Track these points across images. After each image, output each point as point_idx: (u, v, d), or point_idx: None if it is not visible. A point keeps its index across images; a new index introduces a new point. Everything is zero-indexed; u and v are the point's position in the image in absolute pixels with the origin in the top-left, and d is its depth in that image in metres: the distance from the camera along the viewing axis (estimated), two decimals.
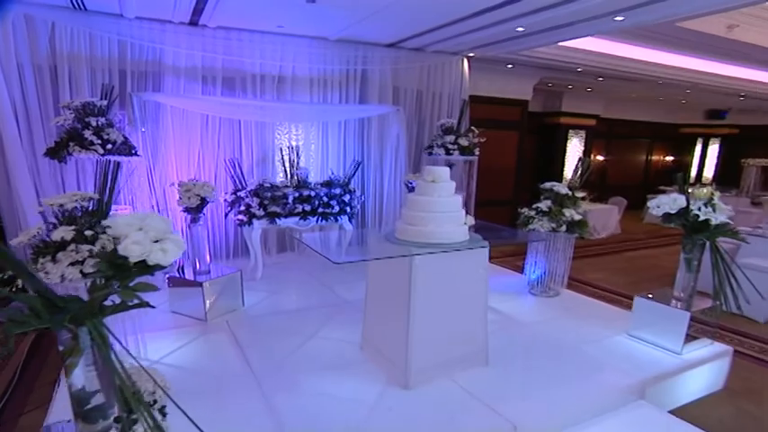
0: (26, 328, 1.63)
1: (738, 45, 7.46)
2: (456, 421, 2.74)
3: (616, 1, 4.78)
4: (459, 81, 7.68)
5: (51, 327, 1.64)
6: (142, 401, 1.71)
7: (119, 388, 1.68)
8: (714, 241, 3.86)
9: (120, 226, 1.57)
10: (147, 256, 1.54)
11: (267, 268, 5.55)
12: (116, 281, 1.66)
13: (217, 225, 6.08)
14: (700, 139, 15.86)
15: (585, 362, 3.53)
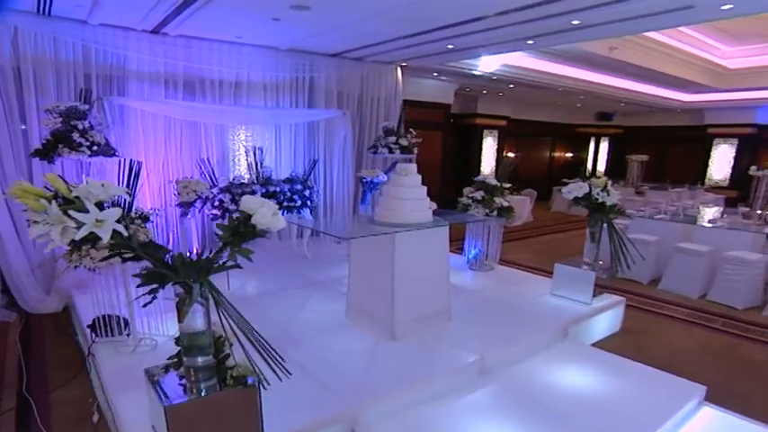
0: (166, 282, 2.24)
1: (618, 62, 9.08)
2: (437, 358, 3.58)
3: (529, 29, 5.88)
4: (394, 87, 8.57)
5: (181, 279, 2.25)
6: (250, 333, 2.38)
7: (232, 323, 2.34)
8: (610, 218, 5.01)
9: (250, 203, 2.22)
10: (269, 224, 2.21)
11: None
12: (230, 247, 2.30)
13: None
14: (593, 138, 18.09)
15: (524, 314, 4.53)
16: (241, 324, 2.39)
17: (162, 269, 2.22)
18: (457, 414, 3.04)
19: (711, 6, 4.91)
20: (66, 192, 1.93)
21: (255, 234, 2.30)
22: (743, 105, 13.45)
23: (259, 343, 2.40)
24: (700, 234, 6.85)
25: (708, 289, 6.17)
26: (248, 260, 2.33)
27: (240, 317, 2.42)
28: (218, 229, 2.35)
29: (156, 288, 2.26)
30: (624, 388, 3.49)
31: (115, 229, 2.05)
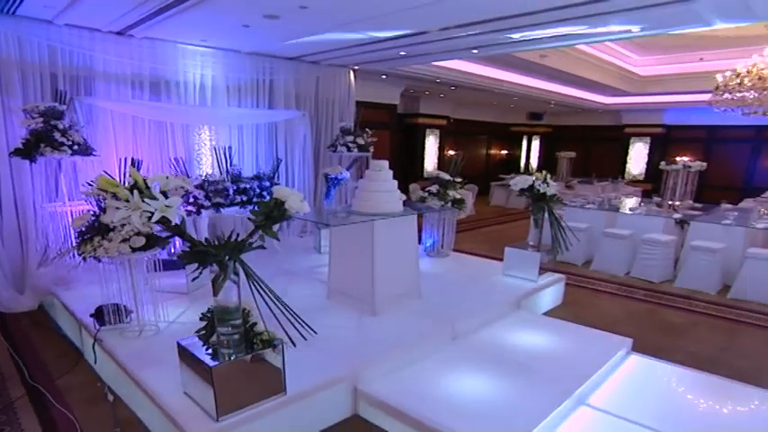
0: (206, 260, 2.64)
1: (548, 69, 10.07)
2: (414, 328, 4.12)
3: (474, 41, 6.58)
4: (348, 89, 9.05)
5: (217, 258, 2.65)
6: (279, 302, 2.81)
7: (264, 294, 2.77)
8: (550, 207, 5.77)
9: (282, 192, 2.66)
10: (299, 208, 2.66)
11: None
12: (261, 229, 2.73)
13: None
14: (525, 137, 19.38)
15: (482, 291, 5.19)
16: (270, 294, 2.82)
17: (203, 249, 2.61)
18: (438, 369, 3.61)
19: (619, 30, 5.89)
20: (142, 184, 2.29)
21: (284, 217, 2.75)
22: (653, 108, 15.03)
23: (287, 309, 2.84)
24: (622, 221, 7.86)
25: (630, 267, 7.16)
26: (276, 239, 2.77)
27: (268, 289, 2.85)
28: (251, 215, 2.77)
29: (203, 266, 2.64)
30: (568, 343, 4.20)
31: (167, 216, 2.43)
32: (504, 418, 3.01)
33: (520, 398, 3.27)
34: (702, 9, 4.92)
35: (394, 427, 3.13)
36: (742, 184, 14.26)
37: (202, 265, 2.69)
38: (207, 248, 2.61)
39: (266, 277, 5.42)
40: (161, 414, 2.88)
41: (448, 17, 5.52)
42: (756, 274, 6.02)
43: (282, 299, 3.06)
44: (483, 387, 3.42)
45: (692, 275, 6.52)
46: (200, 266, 2.68)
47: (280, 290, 4.92)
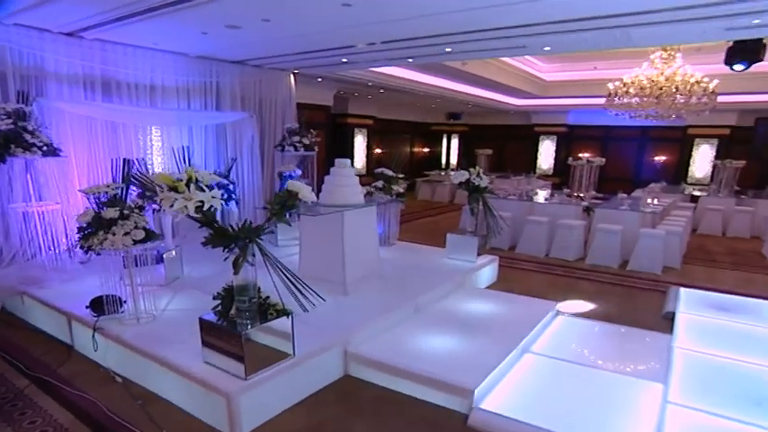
0: (227, 242, 3.12)
1: (468, 73, 11.10)
2: (383, 303, 4.77)
3: (408, 53, 7.37)
4: (289, 91, 9.50)
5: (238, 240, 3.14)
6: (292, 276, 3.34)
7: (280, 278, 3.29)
8: (484, 197, 6.66)
9: (295, 186, 3.19)
10: (310, 197, 3.21)
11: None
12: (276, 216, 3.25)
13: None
14: (445, 135, 20.64)
15: (431, 272, 5.93)
16: (284, 269, 3.35)
17: (227, 233, 3.09)
18: (410, 333, 4.30)
19: (537, 47, 7.00)
20: (193, 179, 2.75)
21: (295, 206, 3.29)
22: (557, 110, 16.77)
23: (298, 282, 3.39)
24: (540, 209, 9.01)
25: (549, 248, 8.29)
26: (288, 225, 3.32)
27: (282, 265, 3.38)
28: (268, 204, 3.28)
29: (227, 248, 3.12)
30: (509, 309, 5.07)
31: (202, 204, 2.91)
32: (469, 365, 3.75)
33: (478, 349, 4.04)
34: (601, 38, 6.15)
35: (380, 378, 3.78)
36: (632, 176, 16.34)
37: (227, 247, 3.16)
38: (230, 232, 3.10)
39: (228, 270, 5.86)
40: (187, 382, 3.30)
41: (388, 34, 6.27)
42: (647, 250, 7.32)
43: (259, 285, 3.52)
44: (447, 343, 4.16)
45: (598, 253, 7.74)
46: (225, 248, 3.16)
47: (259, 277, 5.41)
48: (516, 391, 3.61)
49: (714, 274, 7.34)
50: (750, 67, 6.41)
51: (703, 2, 4.67)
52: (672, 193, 12.10)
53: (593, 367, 3.99)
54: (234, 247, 3.18)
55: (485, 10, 5.10)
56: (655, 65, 10.19)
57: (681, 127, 14.56)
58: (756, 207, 10.49)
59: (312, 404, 3.54)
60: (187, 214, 2.88)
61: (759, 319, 4.98)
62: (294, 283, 3.43)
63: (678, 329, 4.63)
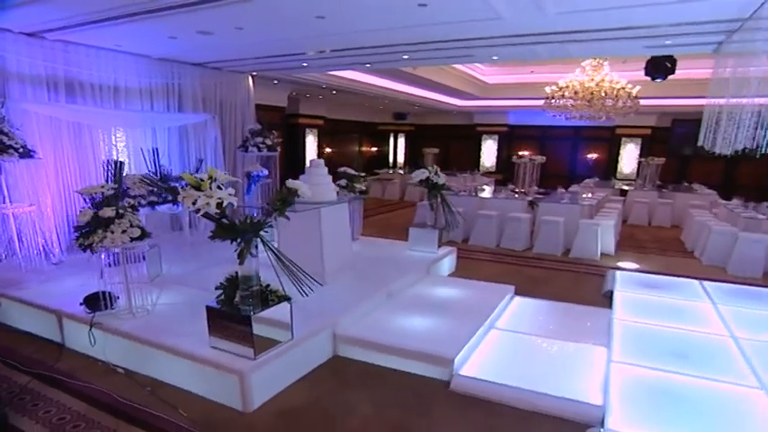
0: (234, 235, 3.45)
1: (416, 76, 11.68)
2: (359, 290, 5.19)
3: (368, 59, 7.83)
4: (247, 93, 9.70)
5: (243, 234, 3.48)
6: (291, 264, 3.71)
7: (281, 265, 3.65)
8: (442, 194, 7.22)
9: (294, 184, 3.56)
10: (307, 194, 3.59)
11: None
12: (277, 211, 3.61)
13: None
14: (392, 134, 21.24)
15: (398, 263, 6.42)
16: (283, 259, 3.72)
17: (233, 227, 3.43)
18: (388, 315, 4.77)
19: (486, 56, 7.66)
20: (215, 178, 3.08)
21: (292, 202, 3.67)
22: (498, 110, 17.74)
23: (298, 270, 3.76)
24: (489, 204, 9.73)
25: (500, 240, 9.00)
26: (286, 219, 3.69)
27: (282, 255, 3.74)
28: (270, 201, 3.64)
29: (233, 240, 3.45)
30: (471, 293, 5.64)
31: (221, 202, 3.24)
32: (445, 339, 4.26)
33: (451, 327, 4.56)
34: (542, 50, 6.88)
35: (366, 355, 4.23)
36: (568, 173, 17.58)
37: (233, 240, 3.50)
38: (237, 227, 3.44)
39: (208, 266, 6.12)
40: (199, 365, 3.60)
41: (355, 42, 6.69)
42: (586, 239, 8.17)
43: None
44: (423, 323, 4.67)
45: (544, 243, 8.53)
46: (232, 241, 3.49)
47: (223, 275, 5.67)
48: (488, 360, 4.16)
49: (643, 258, 8.31)
50: (666, 78, 7.34)
51: (626, 26, 5.49)
52: (604, 187, 13.29)
53: (549, 338, 4.62)
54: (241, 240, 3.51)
55: (443, 25, 5.65)
56: (586, 71, 11.20)
57: (609, 127, 15.86)
58: (675, 199, 11.78)
59: (310, 380, 3.94)
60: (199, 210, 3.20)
61: (680, 294, 5.83)
62: (294, 271, 3.79)
63: (616, 305, 5.37)
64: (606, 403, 3.37)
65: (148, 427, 3.25)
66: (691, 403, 3.38)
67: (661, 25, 5.49)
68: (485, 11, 5.08)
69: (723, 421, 3.19)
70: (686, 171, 15.69)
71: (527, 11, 5.08)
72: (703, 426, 3.12)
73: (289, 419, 3.38)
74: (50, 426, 3.28)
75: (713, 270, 7.51)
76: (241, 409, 3.45)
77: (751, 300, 5.63)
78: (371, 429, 3.28)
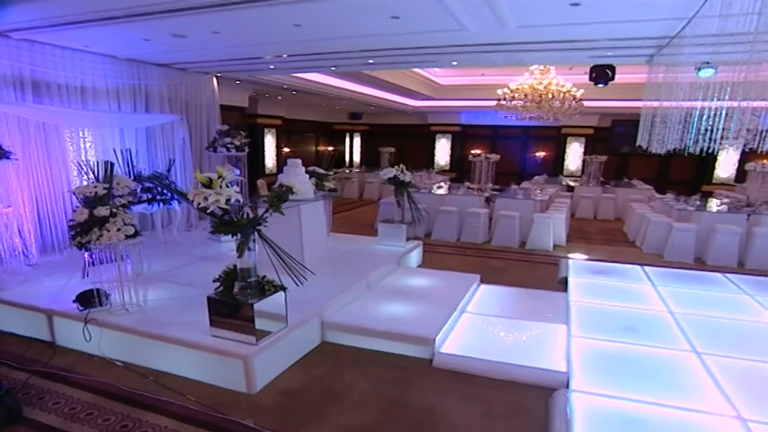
0: (233, 230, 3.73)
1: (374, 78, 12.07)
2: (340, 282, 5.53)
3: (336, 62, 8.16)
4: (212, 94, 9.79)
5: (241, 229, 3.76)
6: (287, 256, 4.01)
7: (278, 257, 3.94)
8: (408, 191, 7.66)
9: (288, 181, 3.86)
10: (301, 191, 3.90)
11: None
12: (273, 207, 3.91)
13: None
14: (347, 134, 21.55)
15: (369, 256, 6.81)
16: (279, 252, 4.02)
17: (233, 223, 3.71)
18: (369, 303, 5.15)
19: (447, 62, 8.17)
20: (224, 176, 3.35)
21: (286, 199, 3.98)
22: (451, 111, 18.41)
23: (294, 261, 4.07)
24: (449, 200, 10.26)
25: (460, 234, 9.54)
26: (281, 214, 3.99)
27: (279, 248, 4.04)
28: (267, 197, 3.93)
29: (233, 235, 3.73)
30: (442, 282, 6.09)
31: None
32: (424, 322, 4.67)
33: (428, 312, 4.98)
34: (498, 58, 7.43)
35: (353, 340, 4.59)
36: (518, 170, 18.47)
37: (233, 235, 3.77)
38: (237, 222, 3.72)
39: (187, 263, 6.31)
40: (202, 353, 3.84)
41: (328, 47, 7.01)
42: (540, 231, 8.83)
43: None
44: (402, 309, 5.08)
45: (501, 236, 9.13)
46: (233, 236, 3.77)
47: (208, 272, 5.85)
48: (463, 339, 4.62)
49: (591, 248, 9.08)
50: (608, 84, 8.09)
51: (573, 39, 6.16)
52: (552, 184, 14.16)
53: (515, 318, 5.13)
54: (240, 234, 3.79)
55: (413, 35, 6.08)
56: (534, 75, 11.95)
57: (556, 127, 16.83)
58: (617, 194, 12.77)
59: (304, 364, 4.26)
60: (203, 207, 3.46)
61: (625, 278, 6.53)
62: (292, 262, 4.10)
63: (571, 289, 5.97)
64: (570, 370, 3.90)
65: (162, 412, 3.48)
66: (639, 366, 3.97)
67: (603, 40, 6.17)
68: (452, 23, 5.54)
69: (664, 379, 3.78)
70: (626, 168, 16.89)
71: (489, 24, 5.58)
72: (649, 383, 3.69)
73: (292, 397, 3.70)
74: (64, 415, 3.45)
75: (652, 257, 8.35)
76: (245, 391, 3.74)
77: (684, 281, 6.41)
78: (371, 402, 3.65)
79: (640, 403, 3.41)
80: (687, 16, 5.01)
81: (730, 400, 3.44)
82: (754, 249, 7.79)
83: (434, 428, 3.33)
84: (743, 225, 8.12)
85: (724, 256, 7.88)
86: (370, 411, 3.53)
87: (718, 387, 3.64)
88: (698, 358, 4.11)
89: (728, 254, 7.89)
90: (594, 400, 3.45)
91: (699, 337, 4.53)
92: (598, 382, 3.71)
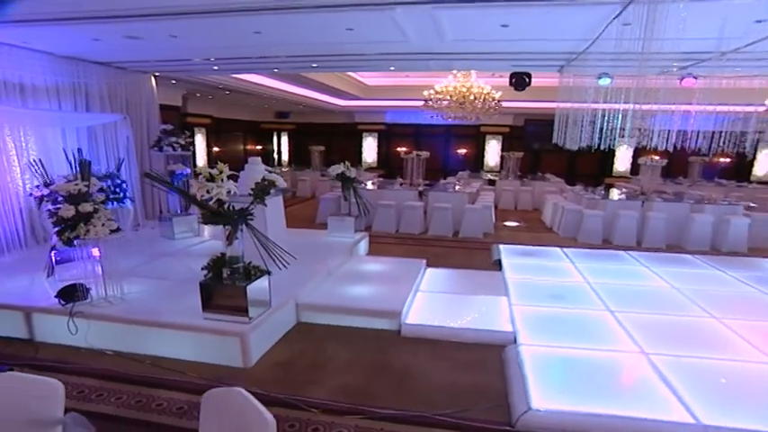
0: (221, 221, 4.15)
1: (305, 79, 12.46)
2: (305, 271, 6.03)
3: (281, 65, 8.57)
4: (152, 93, 9.79)
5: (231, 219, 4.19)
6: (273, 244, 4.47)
7: (262, 244, 4.40)
8: (354, 186, 8.26)
9: (271, 176, 4.32)
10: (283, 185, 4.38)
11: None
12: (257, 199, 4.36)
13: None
14: (275, 133, 21.66)
15: (324, 247, 7.31)
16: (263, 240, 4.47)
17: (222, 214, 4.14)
18: (335, 287, 5.71)
19: (385, 67, 8.94)
20: (224, 172, 3.77)
21: (269, 192, 4.44)
22: (377, 110, 19.19)
23: (280, 249, 4.53)
24: (387, 195, 10.97)
25: (399, 226, 10.29)
26: (264, 206, 4.45)
27: (266, 238, 4.49)
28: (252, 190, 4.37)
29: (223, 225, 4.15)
30: (394, 267, 6.77)
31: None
32: (387, 300, 5.31)
33: (389, 292, 5.62)
34: (433, 64, 8.23)
35: (326, 318, 5.14)
36: (442, 166, 19.62)
37: (223, 225, 4.19)
38: (226, 213, 4.14)
39: (152, 258, 6.49)
40: (199, 334, 4.22)
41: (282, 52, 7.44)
42: (471, 221, 9.78)
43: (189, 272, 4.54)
44: (365, 290, 5.71)
45: (437, 226, 9.99)
46: (224, 226, 4.18)
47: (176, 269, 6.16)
48: (422, 313, 5.31)
49: (516, 234, 10.21)
50: (525, 89, 9.18)
51: (499, 51, 7.09)
52: (476, 179, 15.34)
53: (464, 294, 5.92)
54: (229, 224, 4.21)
55: (361, 44, 6.74)
56: (457, 78, 12.97)
57: (475, 125, 18.12)
58: (534, 187, 14.20)
59: (287, 341, 4.75)
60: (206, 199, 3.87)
61: (548, 258, 7.62)
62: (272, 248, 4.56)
63: (505, 268, 6.90)
64: (515, 330, 4.74)
65: (171, 388, 3.83)
66: (567, 323, 4.93)
67: (524, 53, 7.19)
68: (398, 35, 6.23)
69: (587, 331, 4.76)
70: (539, 163, 18.57)
71: (430, 36, 6.33)
72: (576, 334, 4.64)
73: (286, 368, 4.19)
74: (75, 398, 3.71)
75: (568, 240, 9.59)
76: (242, 365, 4.18)
77: (596, 258, 7.62)
78: (356, 366, 4.23)
79: (571, 349, 4.33)
80: (591, 38, 6.03)
81: (636, 341, 4.46)
82: (648, 230, 9.24)
83: (415, 381, 3.99)
84: (639, 210, 9.56)
85: (625, 236, 9.26)
86: (357, 373, 4.11)
87: (627, 333, 4.66)
88: (611, 315, 5.13)
89: (629, 234, 9.29)
90: (537, 350, 4.29)
91: (610, 299, 5.59)
92: (538, 337, 4.57)
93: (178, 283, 5.45)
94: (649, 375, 3.88)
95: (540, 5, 4.87)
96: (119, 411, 3.55)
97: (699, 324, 5.00)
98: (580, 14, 5.19)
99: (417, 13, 5.25)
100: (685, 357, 4.17)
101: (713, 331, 4.81)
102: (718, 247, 9.06)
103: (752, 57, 6.15)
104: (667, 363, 4.05)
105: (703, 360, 4.15)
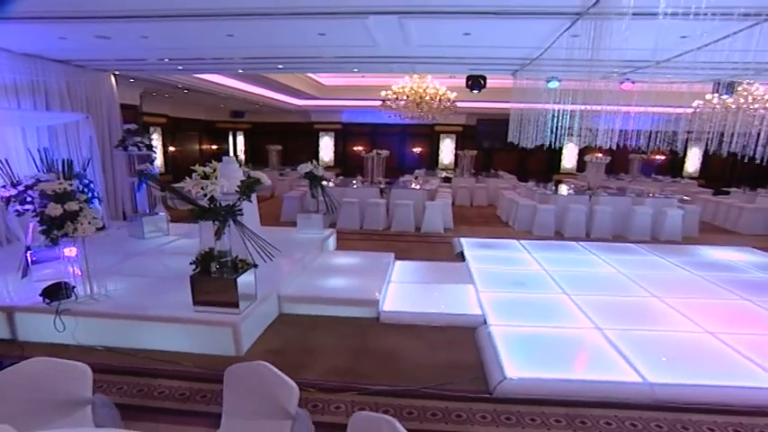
0: (211, 217, 4.38)
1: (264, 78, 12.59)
2: (282, 266, 6.28)
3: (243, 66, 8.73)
4: (112, 92, 9.68)
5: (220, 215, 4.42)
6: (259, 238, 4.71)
7: (249, 238, 4.64)
8: (321, 183, 8.54)
9: (257, 174, 4.56)
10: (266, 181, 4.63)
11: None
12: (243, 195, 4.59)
13: None
14: (230, 132, 21.47)
15: (295, 243, 7.54)
16: (250, 234, 4.71)
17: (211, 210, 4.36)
18: (312, 280, 5.99)
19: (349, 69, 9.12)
20: (217, 170, 3.99)
21: (254, 189, 4.69)
22: (334, 110, 19.44)
23: (265, 243, 4.78)
24: (350, 193, 11.29)
25: (363, 223, 10.63)
26: (249, 201, 4.69)
27: (252, 232, 4.72)
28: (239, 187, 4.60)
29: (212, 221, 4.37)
30: (364, 260, 7.11)
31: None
32: (364, 290, 5.66)
33: (363, 282, 5.97)
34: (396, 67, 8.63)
35: (307, 309, 5.43)
36: (398, 165, 20.09)
37: (212, 221, 4.41)
38: (213, 209, 4.37)
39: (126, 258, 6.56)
40: (191, 326, 4.41)
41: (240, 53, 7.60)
42: (432, 217, 10.26)
43: (169, 270, 4.74)
44: (341, 282, 6.03)
45: (399, 222, 10.41)
46: (213, 222, 4.40)
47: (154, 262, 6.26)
48: (397, 301, 5.67)
49: (475, 229, 10.78)
50: (480, 91, 9.75)
51: (459, 56, 7.57)
52: (432, 176, 15.88)
53: (433, 283, 6.34)
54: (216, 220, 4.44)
55: (331, 47, 7.04)
56: (413, 79, 13.44)
57: (430, 125, 18.72)
58: (488, 183, 14.90)
59: (273, 330, 5.01)
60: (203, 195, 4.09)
61: (507, 249, 8.19)
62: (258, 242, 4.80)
63: (468, 259, 7.40)
64: (484, 312, 5.20)
65: (170, 377, 4.02)
66: (529, 305, 5.46)
67: (482, 58, 7.71)
68: (367, 40, 6.58)
69: (547, 311, 5.30)
70: (491, 161, 19.40)
71: (397, 42, 6.72)
72: (538, 315, 5.17)
73: (276, 354, 4.46)
74: None
75: (523, 233, 10.24)
76: (235, 354, 4.41)
77: (550, 249, 8.25)
78: (342, 351, 4.55)
79: (536, 327, 4.85)
80: (544, 46, 6.60)
81: (590, 318, 5.03)
82: (595, 222, 10.03)
83: (398, 361, 4.36)
84: (587, 204, 10.34)
85: (575, 228, 10.01)
86: (344, 357, 4.44)
87: (582, 312, 5.23)
88: (568, 297, 5.70)
89: (579, 227, 10.04)
90: (506, 329, 4.76)
91: (566, 284, 6.18)
92: (505, 318, 5.06)
93: (158, 280, 5.59)
94: (604, 346, 4.44)
95: (500, 18, 5.35)
96: (122, 400, 3.71)
97: (643, 303, 5.66)
98: (535, 26, 5.72)
99: (388, 21, 5.62)
100: (633, 330, 4.78)
101: (655, 308, 5.48)
102: (656, 236, 9.97)
103: (680, 65, 6.92)
104: (618, 335, 4.63)
105: (647, 332, 4.78)
